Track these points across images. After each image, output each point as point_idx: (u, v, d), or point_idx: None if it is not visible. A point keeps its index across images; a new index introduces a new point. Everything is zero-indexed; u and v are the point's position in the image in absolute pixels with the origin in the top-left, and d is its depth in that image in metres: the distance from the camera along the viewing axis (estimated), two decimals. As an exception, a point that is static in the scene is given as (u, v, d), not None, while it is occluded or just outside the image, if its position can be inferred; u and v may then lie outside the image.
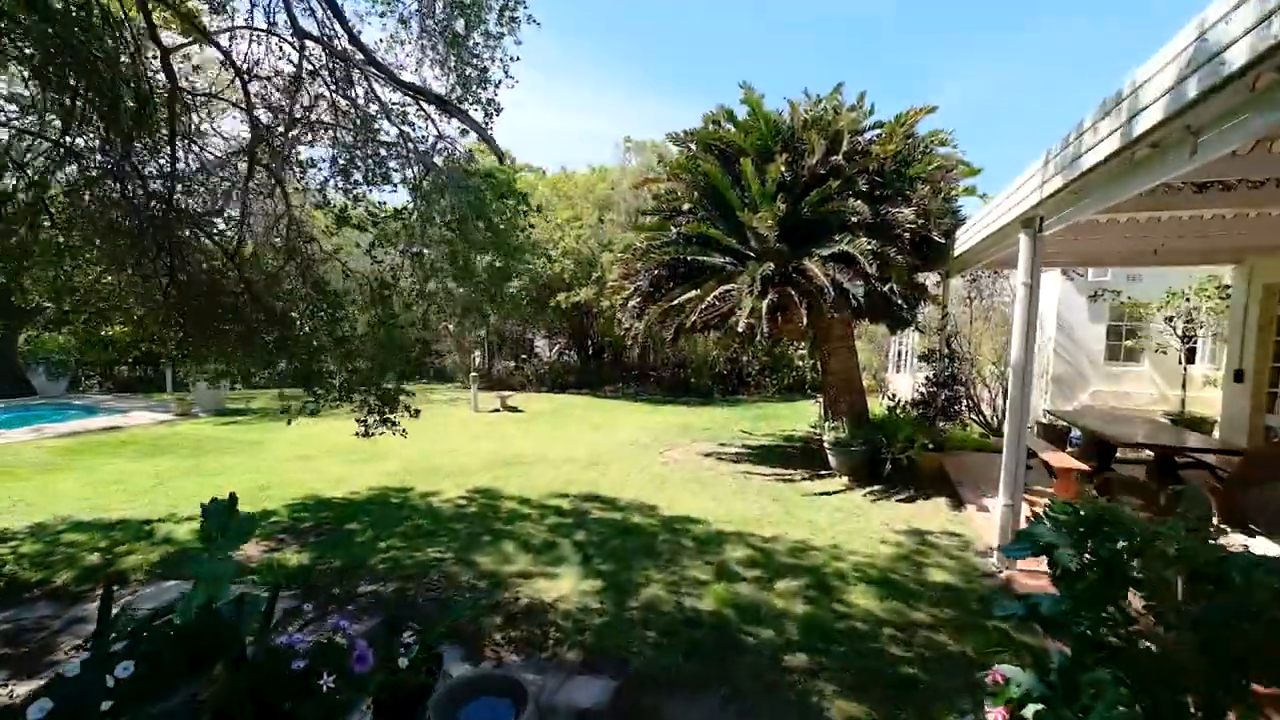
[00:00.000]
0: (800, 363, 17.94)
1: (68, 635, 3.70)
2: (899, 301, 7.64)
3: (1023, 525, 3.01)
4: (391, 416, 5.27)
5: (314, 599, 4.28)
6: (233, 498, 2.78)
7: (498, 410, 12.77)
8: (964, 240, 7.21)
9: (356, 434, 5.37)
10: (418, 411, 5.38)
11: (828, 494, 7.18)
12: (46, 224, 4.18)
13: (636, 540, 5.50)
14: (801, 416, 13.13)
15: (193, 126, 4.80)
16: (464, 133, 5.85)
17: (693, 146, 9.05)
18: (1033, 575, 4.87)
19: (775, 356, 17.99)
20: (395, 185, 5.47)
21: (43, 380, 12.93)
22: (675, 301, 8.49)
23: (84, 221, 3.80)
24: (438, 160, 5.49)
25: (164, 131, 3.99)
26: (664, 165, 9.46)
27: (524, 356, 23.23)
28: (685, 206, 9.55)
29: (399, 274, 5.63)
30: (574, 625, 3.90)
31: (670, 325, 8.69)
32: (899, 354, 17.05)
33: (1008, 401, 4.97)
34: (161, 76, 4.33)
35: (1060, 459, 6.34)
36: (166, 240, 3.81)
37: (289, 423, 4.94)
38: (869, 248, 7.45)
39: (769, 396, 17.18)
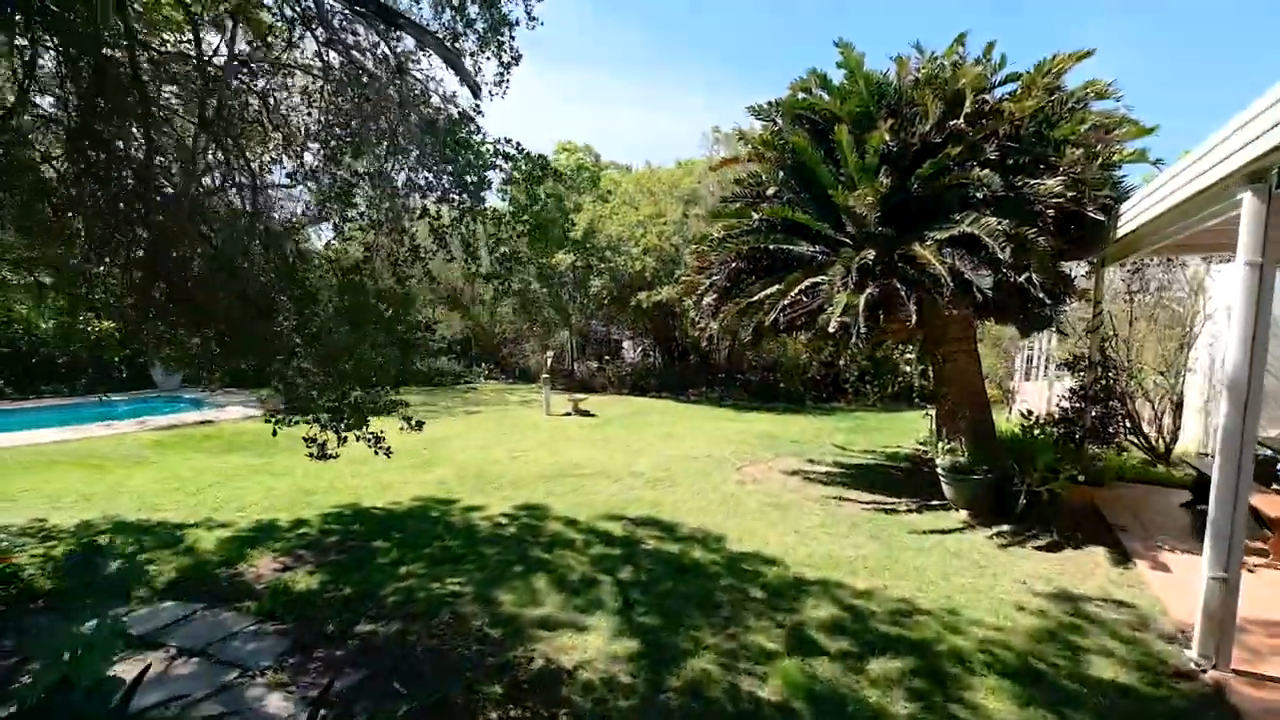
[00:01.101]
0: (907, 368, 15.99)
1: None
2: (1039, 295, 6.07)
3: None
4: (361, 433, 4.56)
5: (305, 635, 3.69)
6: (94, 546, 2.13)
7: (569, 414, 12.21)
8: (1133, 215, 5.56)
9: (309, 454, 4.70)
10: (420, 424, 4.76)
11: (941, 533, 5.81)
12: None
13: (693, 584, 4.51)
14: (907, 430, 11.46)
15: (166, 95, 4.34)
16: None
17: (778, 120, 7.89)
18: (1260, 683, 3.38)
19: (876, 360, 16.15)
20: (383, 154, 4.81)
21: (160, 374, 13.99)
22: (754, 298, 7.39)
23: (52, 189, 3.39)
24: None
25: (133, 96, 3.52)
26: (745, 143, 8.36)
27: (607, 358, 22.76)
28: (769, 190, 8.39)
29: (374, 254, 4.97)
30: (592, 708, 3.00)
31: (748, 325, 7.58)
32: (1028, 359, 14.70)
33: (1220, 430, 3.49)
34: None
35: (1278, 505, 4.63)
36: (141, 213, 3.35)
37: (274, 433, 4.39)
38: (999, 228, 5.98)
39: (869, 405, 15.43)
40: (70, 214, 3.51)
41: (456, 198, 4.71)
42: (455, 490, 6.89)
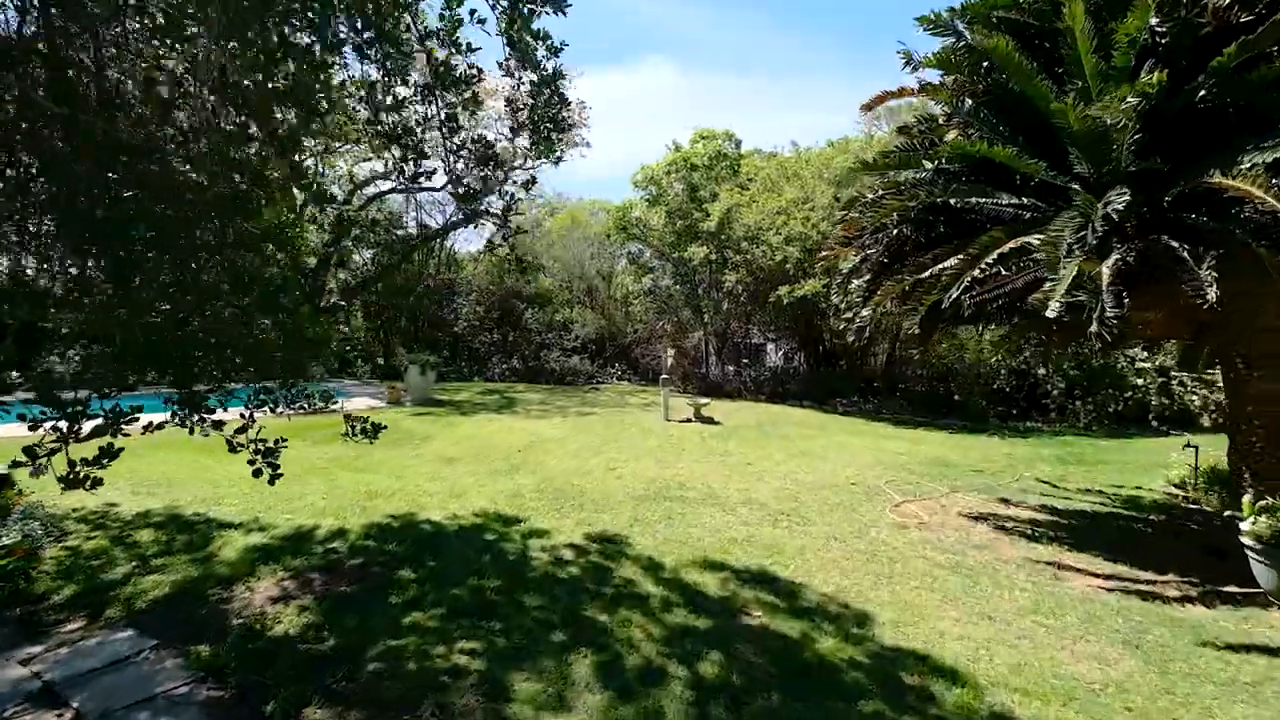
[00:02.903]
0: (1140, 380, 12.13)
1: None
2: None
3: None
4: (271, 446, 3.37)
5: (235, 714, 2.62)
6: None
7: (689, 420, 10.72)
8: None
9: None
10: (376, 428, 3.61)
11: (1265, 651, 3.40)
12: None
13: (817, 704, 2.79)
14: (1145, 465, 8.31)
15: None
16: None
17: (962, 29, 5.72)
18: None
19: (1092, 368, 12.48)
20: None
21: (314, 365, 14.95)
22: (925, 273, 5.33)
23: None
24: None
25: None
26: (911, 68, 6.24)
27: (744, 360, 20.88)
28: (948, 135, 6.22)
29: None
30: None
31: (916, 311, 5.50)
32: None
33: None
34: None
35: None
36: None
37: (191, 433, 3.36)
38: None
39: (1079, 428, 11.92)
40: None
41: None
42: (528, 506, 5.72)
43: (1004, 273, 5.12)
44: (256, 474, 3.39)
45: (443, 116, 4.38)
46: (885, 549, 5.01)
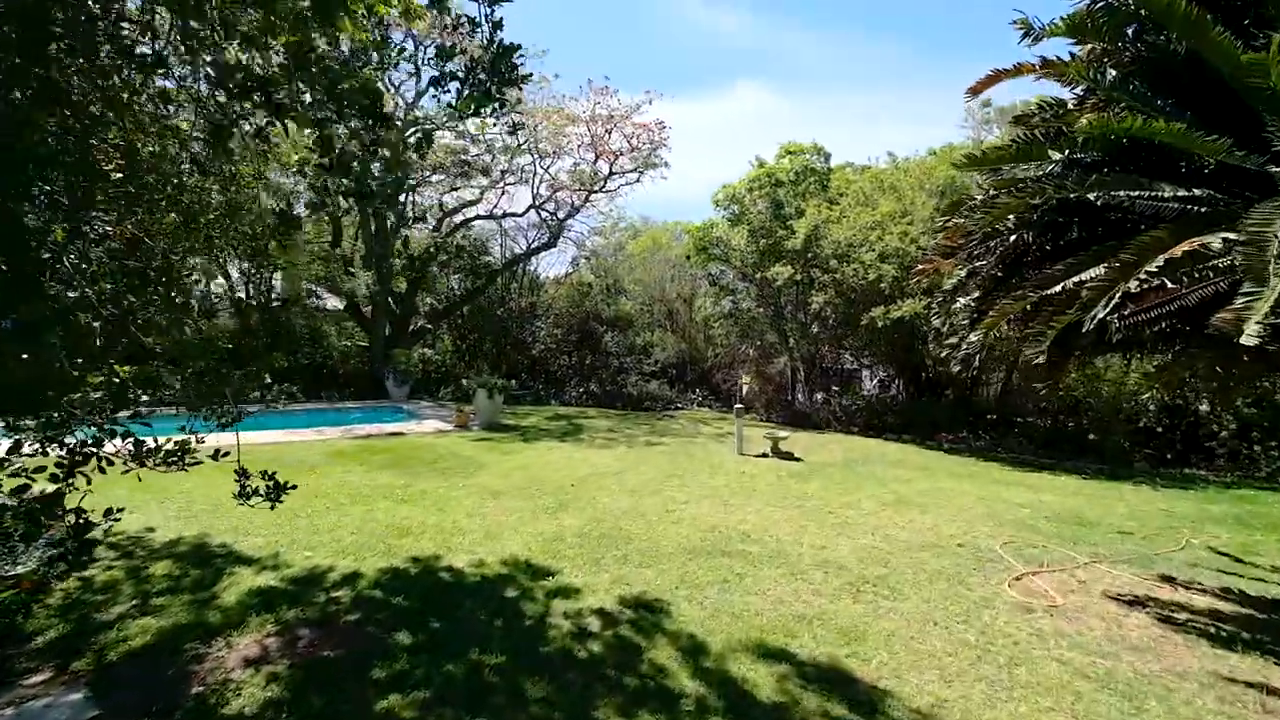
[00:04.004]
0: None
1: None
2: None
3: None
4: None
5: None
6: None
7: (765, 455, 9.68)
8: None
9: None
10: (279, 488, 3.06)
11: None
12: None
13: None
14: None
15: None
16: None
17: (1107, -16, 4.58)
18: None
19: (1275, 405, 10.12)
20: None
21: (392, 385, 15.30)
22: (1055, 287, 4.21)
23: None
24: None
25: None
26: (1029, 39, 5.11)
27: (835, 389, 19.33)
28: (1083, 119, 5.03)
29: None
30: None
31: (1043, 335, 4.35)
32: None
33: None
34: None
35: None
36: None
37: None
38: None
39: (1260, 479, 9.64)
40: None
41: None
42: (564, 554, 5.05)
43: (1170, 285, 3.90)
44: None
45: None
46: (1003, 642, 3.86)
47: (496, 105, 3.02)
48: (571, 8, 33.43)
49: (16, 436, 2.69)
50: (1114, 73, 4.76)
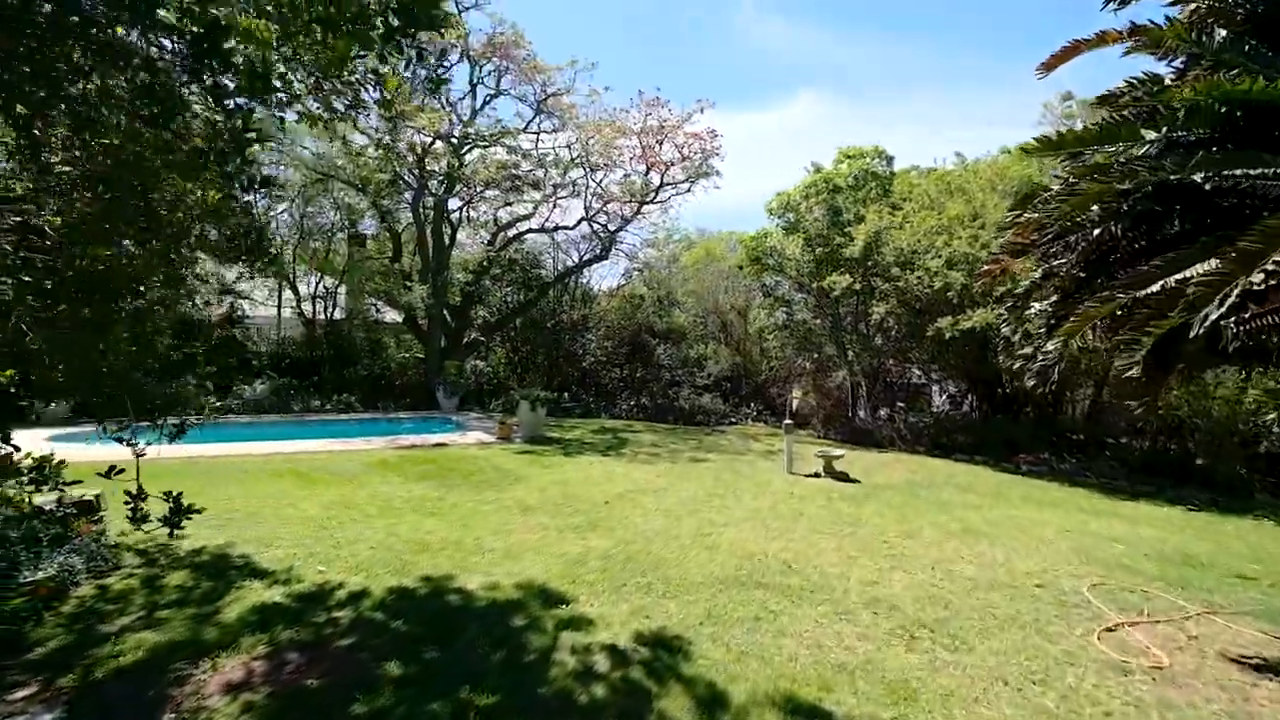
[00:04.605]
0: None
1: None
2: None
3: None
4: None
5: None
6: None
7: (817, 475, 9.01)
8: None
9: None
10: (180, 511, 2.76)
11: None
12: None
13: None
14: None
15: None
16: None
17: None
18: None
19: None
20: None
21: (442, 396, 15.48)
22: (1153, 287, 3.57)
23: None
24: None
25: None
26: (1116, 5, 4.45)
27: (900, 404, 18.18)
28: (1185, 91, 4.31)
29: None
30: None
31: (1138, 344, 3.68)
32: None
33: None
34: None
35: None
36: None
37: None
38: None
39: None
40: None
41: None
42: (585, 579, 4.69)
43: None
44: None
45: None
46: (1091, 712, 3.21)
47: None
48: (629, 29, 33.79)
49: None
50: (1223, 33, 4.05)
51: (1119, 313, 4.02)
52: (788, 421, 9.90)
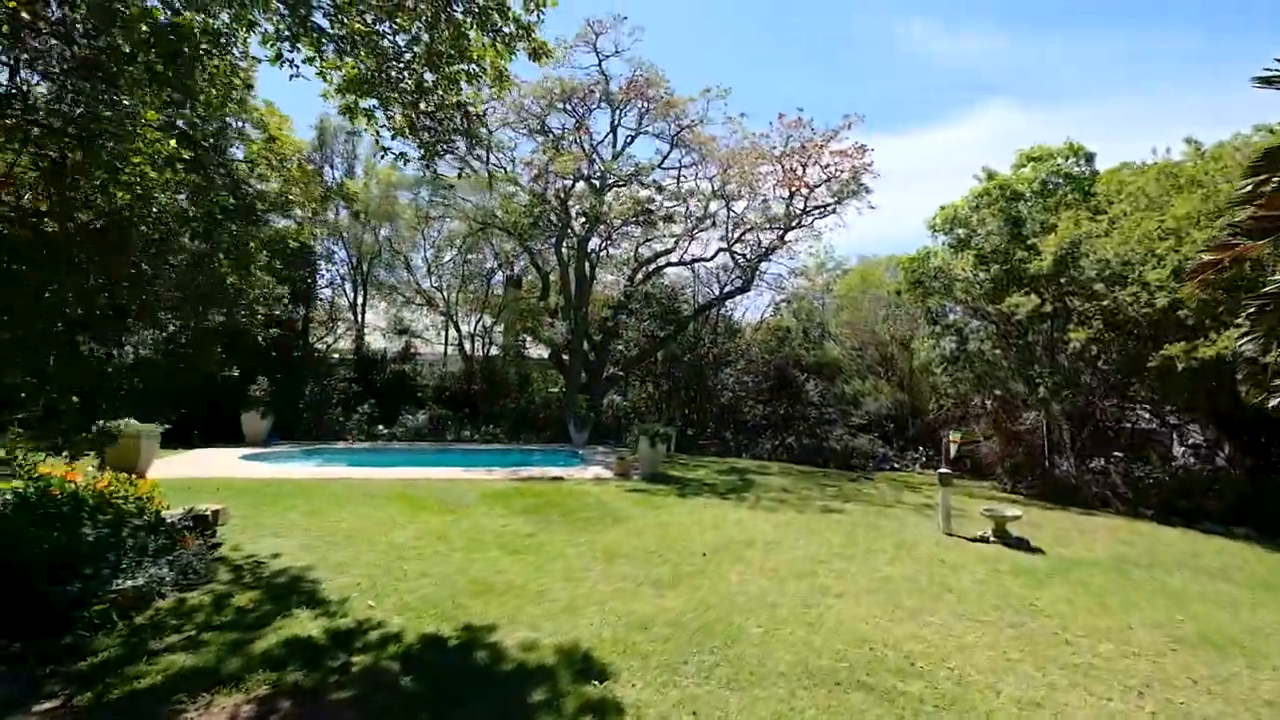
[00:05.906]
0: None
1: None
2: None
3: None
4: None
5: None
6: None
7: (984, 539, 7.14)
8: None
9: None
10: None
11: None
12: None
13: None
14: None
15: None
16: None
17: None
18: None
19: None
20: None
21: (573, 430, 15.58)
22: None
23: None
24: None
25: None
26: None
27: (1119, 454, 14.53)
28: None
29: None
30: None
31: None
32: None
33: None
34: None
35: None
36: None
37: None
38: None
39: None
40: None
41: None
42: (637, 649, 3.92)
43: None
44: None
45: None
46: None
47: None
48: (783, 46, 33.26)
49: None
50: None
51: None
52: (943, 470, 8.15)
